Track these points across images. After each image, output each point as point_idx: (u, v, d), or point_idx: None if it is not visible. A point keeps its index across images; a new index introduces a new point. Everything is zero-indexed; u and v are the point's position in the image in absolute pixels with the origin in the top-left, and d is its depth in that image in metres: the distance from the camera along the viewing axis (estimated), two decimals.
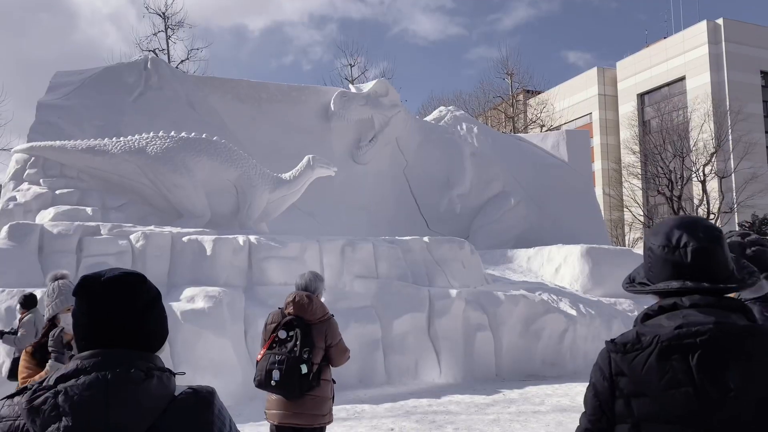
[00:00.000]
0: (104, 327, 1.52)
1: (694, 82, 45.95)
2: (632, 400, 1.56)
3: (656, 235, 1.71)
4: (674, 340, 1.51)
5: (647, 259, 1.73)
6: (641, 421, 1.54)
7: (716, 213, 33.09)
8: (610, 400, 1.60)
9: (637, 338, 1.57)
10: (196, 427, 1.47)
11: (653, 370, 1.51)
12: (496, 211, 17.53)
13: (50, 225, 9.74)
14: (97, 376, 1.44)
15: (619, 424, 1.58)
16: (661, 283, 1.66)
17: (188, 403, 1.49)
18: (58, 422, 1.38)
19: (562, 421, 7.50)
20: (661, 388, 1.50)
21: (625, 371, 1.57)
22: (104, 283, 1.55)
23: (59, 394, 1.41)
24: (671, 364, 1.50)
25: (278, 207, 12.58)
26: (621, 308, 12.29)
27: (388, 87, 17.65)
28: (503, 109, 37.28)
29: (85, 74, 14.88)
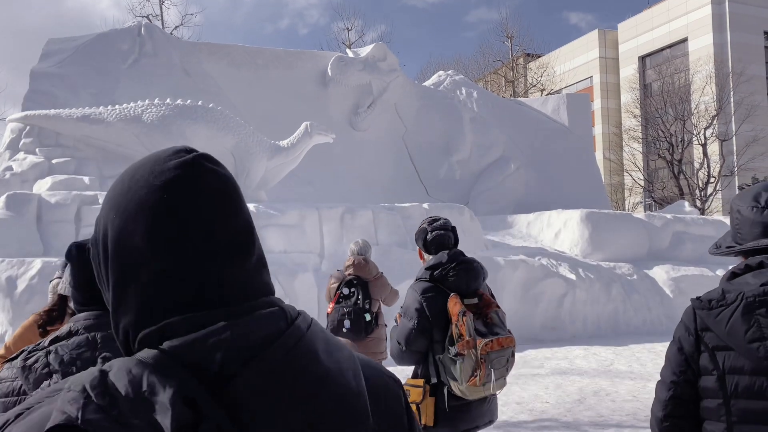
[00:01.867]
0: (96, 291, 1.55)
1: (696, 44, 45.34)
2: (717, 354, 1.64)
3: (743, 199, 1.78)
4: (760, 296, 1.59)
5: (734, 222, 1.80)
6: (726, 374, 1.62)
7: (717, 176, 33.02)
8: (696, 354, 1.68)
9: (722, 295, 1.65)
10: None
11: (738, 324, 1.58)
12: (495, 177, 17.46)
13: (48, 194, 9.70)
14: (87, 336, 1.50)
15: (704, 376, 1.66)
16: (751, 242, 1.72)
17: None
18: (49, 379, 1.43)
19: (561, 384, 7.59)
20: (746, 342, 1.57)
21: (711, 326, 1.65)
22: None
23: (50, 354, 1.47)
24: (756, 318, 1.57)
25: (276, 175, 12.52)
26: (620, 272, 12.34)
27: (386, 51, 17.40)
28: (503, 73, 36.87)
29: (78, 41, 14.65)
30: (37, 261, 8.37)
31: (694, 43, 45.72)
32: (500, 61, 37.14)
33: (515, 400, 6.86)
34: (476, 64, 38.08)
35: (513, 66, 36.65)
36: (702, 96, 34.64)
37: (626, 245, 13.16)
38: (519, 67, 37.58)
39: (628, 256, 13.05)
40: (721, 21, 44.94)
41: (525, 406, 6.64)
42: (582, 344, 10.22)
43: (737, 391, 1.60)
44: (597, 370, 8.40)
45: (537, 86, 36.46)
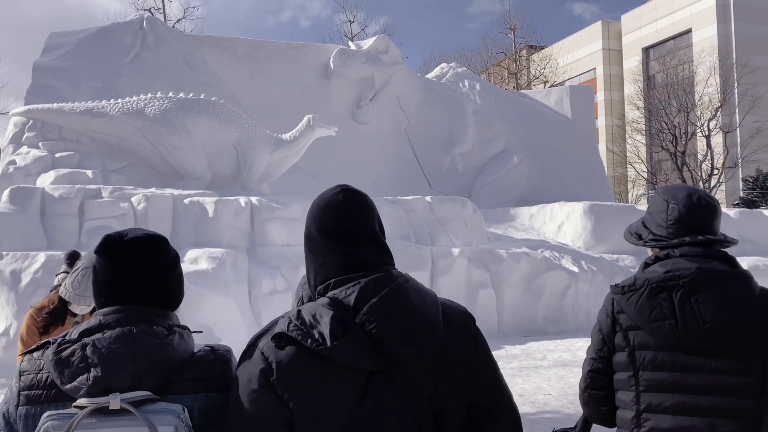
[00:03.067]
0: (126, 285, 1.55)
1: (700, 35, 45.07)
2: (629, 333, 1.89)
3: (677, 199, 1.99)
4: (661, 282, 1.84)
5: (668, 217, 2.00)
6: (636, 349, 1.87)
7: (720, 168, 32.92)
8: (612, 334, 1.92)
9: (633, 282, 1.90)
10: (214, 381, 1.54)
11: (644, 306, 1.84)
12: (498, 170, 17.43)
13: (51, 188, 9.72)
14: (123, 330, 1.48)
15: (618, 353, 1.91)
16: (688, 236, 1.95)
17: (207, 359, 1.56)
18: (87, 373, 1.42)
19: (564, 376, 7.61)
20: (650, 321, 1.83)
21: (624, 309, 1.89)
22: (128, 242, 1.57)
23: (87, 347, 1.45)
24: (658, 301, 1.83)
25: (279, 168, 12.52)
26: (623, 264, 12.34)
27: (388, 44, 17.35)
28: (506, 66, 36.74)
29: (80, 35, 14.64)
30: (40, 255, 8.40)
31: (698, 34, 45.44)
32: (503, 53, 37.02)
33: (518, 392, 6.88)
34: (479, 56, 37.98)
35: (516, 58, 36.52)
36: (706, 87, 34.48)
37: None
38: (522, 59, 37.44)
39: (630, 248, 13.02)
40: (725, 12, 44.66)
41: (527, 398, 6.66)
42: (584, 336, 10.23)
43: (644, 364, 1.85)
44: None
45: (540, 78, 36.33)
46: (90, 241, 9.12)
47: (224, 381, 1.54)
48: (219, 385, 1.54)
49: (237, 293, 8.99)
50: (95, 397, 1.38)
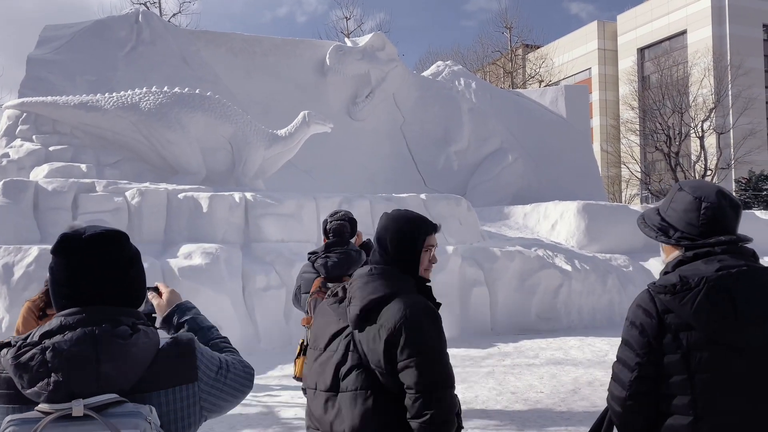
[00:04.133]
0: (86, 284, 1.50)
1: (695, 36, 45.25)
2: (681, 334, 1.82)
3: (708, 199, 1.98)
4: (718, 279, 1.81)
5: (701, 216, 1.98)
6: (691, 350, 1.81)
7: (713, 169, 33.07)
8: (659, 336, 1.85)
9: (683, 280, 1.84)
10: (182, 373, 1.52)
11: (703, 305, 1.79)
12: (493, 168, 17.46)
13: (45, 182, 9.68)
14: (84, 331, 1.43)
15: (668, 355, 1.83)
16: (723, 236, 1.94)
17: (172, 352, 1.52)
18: (48, 378, 1.37)
19: (556, 374, 7.65)
20: (710, 320, 1.79)
21: (673, 309, 1.84)
22: (86, 240, 1.52)
23: (47, 350, 1.40)
24: (717, 299, 1.79)
25: (274, 164, 12.50)
26: (616, 264, 12.39)
27: (384, 41, 17.34)
28: (502, 64, 36.78)
29: (75, 28, 14.56)
30: (33, 248, 8.36)
31: (693, 35, 45.63)
32: (499, 51, 37.04)
33: (510, 390, 6.91)
34: (475, 55, 37.99)
35: (512, 57, 36.55)
36: (700, 89, 34.62)
37: (622, 237, 13.20)
38: (518, 58, 37.49)
39: (624, 247, 13.10)
40: (720, 13, 44.85)
41: (519, 396, 6.69)
42: (577, 335, 10.28)
43: (701, 364, 1.78)
44: (592, 360, 8.46)
45: (535, 77, 36.39)
46: None
47: (191, 372, 1.53)
48: (186, 378, 1.52)
49: (231, 289, 8.98)
50: (57, 403, 1.34)
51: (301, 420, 5.11)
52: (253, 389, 6.84)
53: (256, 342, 8.92)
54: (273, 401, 6.39)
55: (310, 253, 4.23)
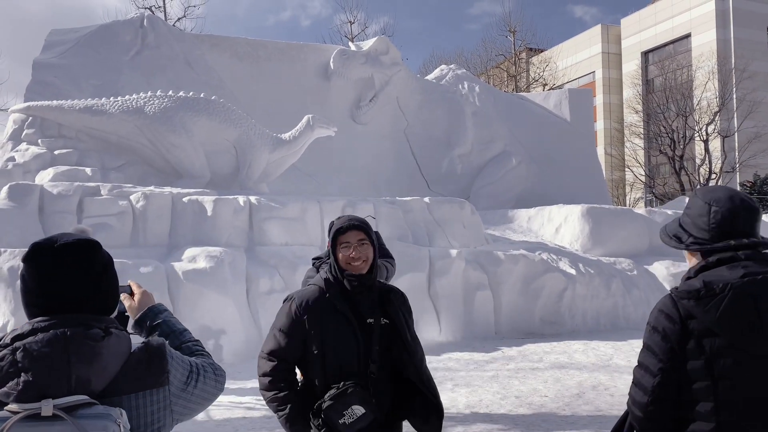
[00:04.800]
0: (58, 293, 1.51)
1: (699, 40, 45.17)
2: (704, 340, 1.80)
3: (720, 203, 1.97)
4: (744, 286, 1.79)
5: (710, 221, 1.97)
6: (714, 357, 1.79)
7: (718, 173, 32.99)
8: (682, 341, 1.83)
9: (707, 286, 1.82)
10: (152, 377, 1.52)
11: (728, 311, 1.77)
12: (497, 171, 17.45)
13: (50, 185, 9.72)
14: (56, 333, 1.43)
15: (692, 360, 1.82)
16: (720, 243, 1.92)
17: (143, 356, 1.53)
18: (17, 378, 1.37)
19: (560, 378, 7.63)
20: (735, 326, 1.77)
21: (696, 315, 1.82)
22: (58, 249, 1.53)
23: (17, 351, 1.40)
24: (743, 306, 1.77)
25: (278, 167, 12.53)
26: (620, 267, 12.36)
27: (388, 45, 17.37)
28: (506, 68, 36.77)
29: (80, 32, 14.63)
30: None
31: (697, 38, 45.54)
32: (503, 55, 37.05)
33: (514, 394, 6.90)
34: (478, 59, 38.00)
35: (515, 60, 36.56)
36: (704, 92, 34.55)
37: (627, 240, 13.18)
38: (521, 62, 37.49)
39: (628, 251, 13.07)
40: (724, 17, 44.77)
41: (524, 400, 6.67)
42: (581, 339, 10.25)
43: (725, 371, 1.77)
44: (596, 364, 8.44)
45: (539, 81, 36.37)
46: None
47: (161, 377, 1.53)
48: (156, 382, 1.52)
49: (235, 292, 8.99)
50: (26, 403, 1.34)
51: None
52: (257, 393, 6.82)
53: (259, 345, 8.88)
54: None
55: (314, 259, 4.18)
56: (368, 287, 2.57)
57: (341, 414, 2.34)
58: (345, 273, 2.54)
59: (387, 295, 2.61)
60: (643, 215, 14.05)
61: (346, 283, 2.54)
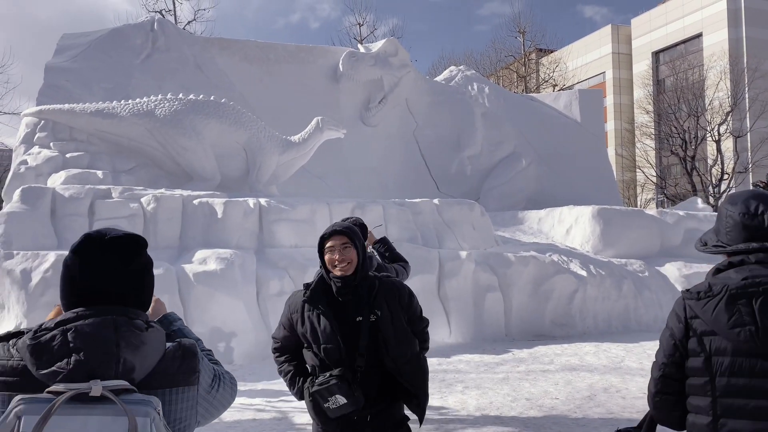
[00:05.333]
0: (103, 284, 1.54)
1: (711, 39, 44.83)
2: (704, 338, 1.91)
3: (735, 204, 2.03)
4: (741, 288, 1.86)
5: (724, 224, 2.05)
6: (712, 355, 1.89)
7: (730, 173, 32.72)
8: (685, 339, 1.95)
9: (709, 287, 1.92)
10: (184, 375, 1.56)
11: (722, 312, 1.86)
12: (507, 173, 17.39)
13: (62, 188, 9.79)
14: (104, 318, 1.47)
15: (692, 358, 1.94)
16: (742, 244, 1.98)
17: (178, 353, 1.57)
18: (68, 357, 1.39)
19: (571, 380, 7.58)
20: (729, 327, 1.85)
21: (699, 314, 1.92)
22: (108, 242, 1.56)
23: (68, 332, 1.42)
24: (738, 307, 1.84)
25: (288, 169, 12.55)
26: (632, 269, 12.28)
27: (397, 46, 17.37)
28: (515, 69, 36.68)
29: (91, 36, 14.75)
30: (51, 254, 8.45)
31: (708, 38, 45.21)
32: (512, 56, 36.96)
33: (525, 396, 6.86)
34: (488, 60, 37.93)
35: (525, 61, 36.45)
36: (716, 92, 34.28)
37: (638, 242, 13.09)
38: (531, 63, 37.37)
39: (639, 252, 12.97)
40: (736, 16, 44.42)
41: (534, 402, 6.64)
42: (592, 341, 10.19)
43: (721, 369, 1.87)
44: (607, 366, 8.38)
45: (549, 82, 36.24)
46: None
47: (192, 376, 1.56)
48: (188, 380, 1.55)
49: (245, 294, 9.02)
50: (75, 382, 1.35)
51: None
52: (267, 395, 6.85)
53: (269, 347, 8.92)
54: (287, 407, 6.39)
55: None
56: (354, 287, 2.77)
57: (326, 399, 2.64)
58: (330, 275, 2.80)
59: (376, 292, 2.80)
60: (655, 216, 13.95)
61: (332, 284, 2.78)
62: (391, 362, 2.74)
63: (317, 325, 2.74)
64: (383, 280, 2.92)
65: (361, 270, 2.79)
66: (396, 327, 2.75)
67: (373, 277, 2.89)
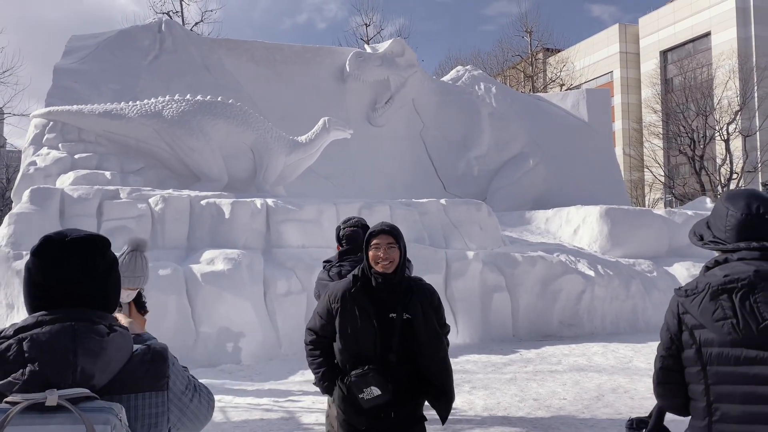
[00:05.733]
0: (66, 287, 1.51)
1: (719, 38, 44.58)
2: (694, 331, 2.07)
3: (735, 203, 2.13)
4: (721, 285, 2.00)
5: (724, 221, 2.15)
6: (702, 346, 2.05)
7: (739, 172, 32.52)
8: (678, 333, 2.12)
9: (695, 285, 2.08)
10: (153, 379, 1.51)
11: (707, 307, 2.01)
12: (514, 173, 17.36)
13: (70, 189, 9.85)
14: (63, 325, 1.43)
15: (686, 350, 2.10)
16: (743, 242, 2.08)
17: (146, 357, 1.53)
18: (23, 368, 1.37)
19: (579, 381, 7.56)
20: (713, 320, 2.00)
21: (688, 310, 2.08)
22: (68, 243, 1.54)
23: (24, 341, 1.39)
24: (720, 302, 1.99)
25: (295, 170, 12.58)
26: (640, 269, 12.23)
27: (404, 46, 17.37)
28: (522, 68, 36.60)
29: (100, 38, 14.83)
30: None
31: (717, 37, 44.96)
32: (519, 55, 36.87)
33: (532, 396, 6.85)
34: (495, 59, 37.85)
35: (532, 61, 36.36)
36: (725, 91, 34.08)
37: (646, 242, 13.03)
38: (538, 62, 37.27)
39: (647, 252, 12.92)
40: (745, 15, 44.15)
41: (542, 403, 6.62)
42: (600, 341, 10.15)
43: (710, 359, 2.03)
44: (615, 367, 8.35)
45: (556, 81, 36.14)
46: None
47: (160, 381, 1.52)
48: (156, 385, 1.51)
49: (252, 294, 9.04)
50: (30, 393, 1.33)
51: (322, 425, 5.11)
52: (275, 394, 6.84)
53: (277, 347, 8.96)
54: (294, 406, 6.40)
55: (325, 261, 4.37)
56: (392, 285, 2.89)
57: (361, 390, 2.77)
58: (372, 271, 2.90)
59: (410, 293, 2.93)
60: (663, 216, 13.88)
61: (372, 279, 2.89)
62: (423, 360, 2.87)
63: (357, 316, 2.86)
64: (418, 283, 3.06)
65: (400, 270, 2.92)
66: (428, 327, 2.88)
67: (408, 278, 3.04)
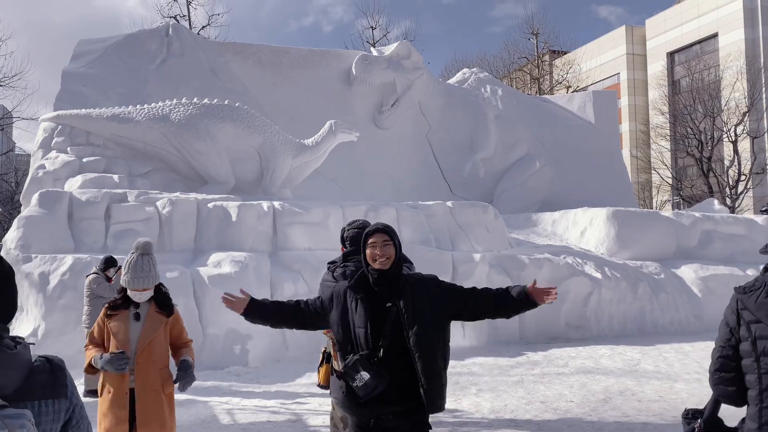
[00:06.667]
0: None
1: (727, 39, 44.37)
2: (751, 326, 2.30)
3: None
4: None
5: None
6: (758, 339, 2.28)
7: (747, 174, 32.34)
8: (737, 327, 2.35)
9: (753, 283, 2.34)
10: (54, 389, 1.61)
11: (763, 303, 2.27)
12: (520, 175, 17.34)
13: (79, 192, 9.91)
14: None
15: (743, 342, 2.33)
16: None
17: (46, 368, 1.62)
18: None
19: (586, 383, 7.54)
20: (766, 314, 2.23)
21: (746, 306, 2.33)
22: None
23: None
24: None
25: (301, 173, 12.61)
26: (647, 271, 12.18)
27: (410, 49, 17.39)
28: (528, 71, 36.54)
29: (107, 42, 14.92)
30: (68, 257, 8.56)
31: (724, 38, 44.75)
32: (525, 58, 36.80)
33: (539, 399, 6.83)
34: (501, 62, 37.79)
35: (538, 63, 36.30)
36: (733, 92, 33.90)
37: (653, 244, 12.98)
38: (544, 64, 37.21)
39: (655, 254, 12.86)
40: (752, 15, 43.93)
41: (549, 405, 6.61)
42: (608, 344, 10.12)
43: (764, 351, 2.26)
44: (623, 369, 8.32)
45: (563, 83, 36.06)
46: (116, 244, 9.28)
47: (60, 389, 1.61)
48: (55, 393, 1.60)
49: (259, 297, 9.03)
50: None
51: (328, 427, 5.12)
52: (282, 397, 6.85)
53: (284, 350, 8.97)
54: (301, 409, 6.41)
55: (329, 263, 4.40)
56: (389, 279, 3.06)
57: (353, 378, 2.89)
58: (369, 267, 3.08)
59: (407, 285, 3.11)
60: (670, 218, 13.82)
61: (370, 276, 3.07)
62: (410, 340, 2.95)
63: (354, 309, 3.06)
64: (412, 275, 3.33)
65: (396, 265, 3.11)
66: (416, 310, 2.99)
67: (406, 274, 3.26)
